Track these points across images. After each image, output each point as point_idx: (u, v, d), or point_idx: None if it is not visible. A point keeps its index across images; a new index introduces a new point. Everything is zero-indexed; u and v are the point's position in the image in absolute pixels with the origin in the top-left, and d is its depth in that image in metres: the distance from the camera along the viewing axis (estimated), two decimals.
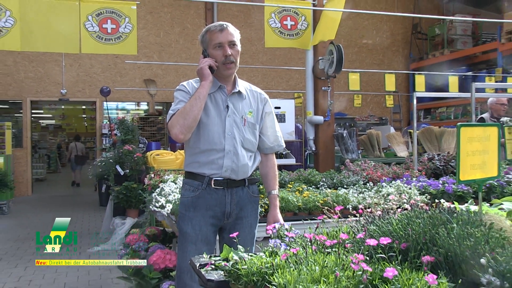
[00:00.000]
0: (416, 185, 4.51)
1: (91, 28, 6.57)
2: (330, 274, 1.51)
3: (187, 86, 3.00)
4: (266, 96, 3.21)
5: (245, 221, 3.05)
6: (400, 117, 16.93)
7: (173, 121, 2.83)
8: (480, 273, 1.57)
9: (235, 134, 2.95)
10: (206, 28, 3.03)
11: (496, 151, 2.09)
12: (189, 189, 2.99)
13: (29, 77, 14.29)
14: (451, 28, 15.98)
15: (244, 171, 2.98)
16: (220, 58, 2.92)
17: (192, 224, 2.94)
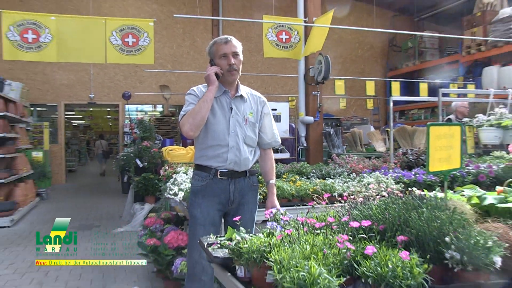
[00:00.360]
0: (392, 175, 4.51)
1: (115, 42, 6.60)
2: (319, 252, 1.52)
3: (196, 90, 3.01)
4: (265, 99, 3.22)
5: (246, 207, 3.05)
6: (379, 118, 16.91)
7: (184, 121, 2.86)
8: (445, 249, 1.59)
9: (237, 132, 2.97)
10: (213, 41, 3.05)
11: (459, 146, 2.09)
12: (198, 179, 3.00)
13: (63, 84, 14.28)
14: (421, 42, 15.97)
15: (245, 164, 2.99)
16: (225, 66, 2.94)
17: (201, 209, 2.95)
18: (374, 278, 1.42)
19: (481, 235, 1.62)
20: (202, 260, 2.86)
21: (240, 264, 1.76)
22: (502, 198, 2.11)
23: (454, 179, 4.45)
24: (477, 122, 5.91)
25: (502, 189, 2.27)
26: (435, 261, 1.58)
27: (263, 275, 1.63)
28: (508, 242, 1.68)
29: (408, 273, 1.42)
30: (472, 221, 1.86)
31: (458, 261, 1.55)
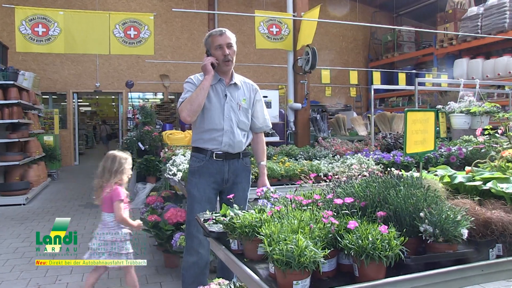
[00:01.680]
0: (373, 157, 4.52)
1: (118, 34, 6.55)
2: (306, 226, 1.52)
3: (193, 79, 3.00)
4: (257, 86, 3.21)
5: (239, 186, 3.05)
6: (361, 105, 16.92)
7: (182, 107, 2.85)
8: (419, 223, 1.59)
9: (232, 117, 2.96)
10: (208, 33, 3.03)
11: (433, 130, 2.10)
12: (195, 160, 3.00)
13: (71, 73, 14.21)
14: (400, 36, 15.94)
15: (239, 146, 2.99)
16: (220, 56, 2.93)
17: (198, 188, 2.95)
18: (356, 250, 1.43)
19: (451, 210, 1.63)
20: (199, 235, 2.87)
21: (233, 238, 1.76)
22: (470, 177, 2.12)
23: (429, 160, 4.48)
24: (449, 109, 5.93)
25: (470, 169, 2.28)
26: (411, 234, 1.59)
27: (254, 248, 1.63)
28: (474, 216, 1.69)
29: (386, 245, 1.43)
30: (444, 198, 1.87)
31: (431, 233, 1.57)
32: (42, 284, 4.07)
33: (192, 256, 2.96)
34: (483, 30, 11.36)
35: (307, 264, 1.34)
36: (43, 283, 4.08)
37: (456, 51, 13.16)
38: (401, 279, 1.50)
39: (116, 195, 3.25)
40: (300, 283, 1.37)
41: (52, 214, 7.07)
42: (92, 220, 6.61)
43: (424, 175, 2.20)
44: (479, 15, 11.53)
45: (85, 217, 6.79)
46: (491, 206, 1.82)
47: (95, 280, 3.37)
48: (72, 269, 4.34)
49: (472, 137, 5.62)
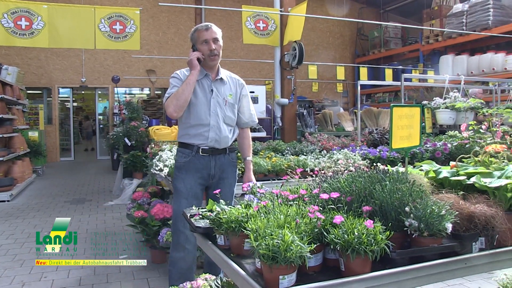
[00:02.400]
0: (359, 152, 4.54)
1: (103, 29, 6.48)
2: (292, 221, 1.52)
3: (179, 74, 2.98)
4: (243, 82, 3.20)
5: (226, 181, 3.05)
6: (348, 100, 17.00)
7: (168, 102, 2.83)
8: (405, 218, 1.61)
9: (218, 112, 2.95)
10: (194, 28, 3.01)
11: (418, 126, 2.11)
12: (181, 156, 2.98)
13: (56, 68, 14.07)
14: (386, 32, 16.02)
15: (225, 142, 2.98)
16: (206, 51, 2.91)
17: (184, 183, 2.94)
18: (341, 244, 1.43)
19: (436, 204, 1.65)
20: (186, 230, 2.86)
21: (220, 233, 1.76)
22: (454, 172, 2.14)
23: (414, 156, 4.51)
24: (435, 104, 5.98)
25: (454, 164, 2.30)
26: (396, 229, 1.60)
27: (241, 243, 1.63)
28: (458, 210, 1.71)
29: (372, 239, 1.44)
30: (429, 193, 1.88)
31: (416, 228, 1.58)
32: (27, 281, 4.03)
33: (179, 252, 2.95)
34: (468, 27, 11.48)
35: (293, 259, 1.34)
36: (28, 281, 4.04)
37: (442, 47, 13.30)
38: (386, 273, 1.51)
39: None
40: (286, 278, 1.38)
41: (37, 211, 6.99)
42: (78, 216, 6.56)
43: (409, 170, 2.21)
44: (464, 12, 11.65)
45: (71, 214, 6.73)
46: (474, 201, 1.84)
47: None
48: (57, 266, 4.31)
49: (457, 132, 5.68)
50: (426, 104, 6.13)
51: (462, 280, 3.82)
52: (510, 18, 11.04)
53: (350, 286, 1.45)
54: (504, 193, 1.90)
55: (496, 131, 3.31)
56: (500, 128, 3.49)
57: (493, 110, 4.76)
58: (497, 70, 10.86)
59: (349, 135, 7.41)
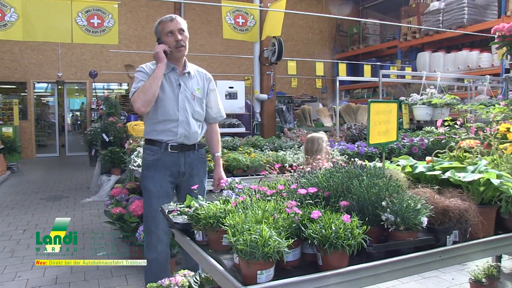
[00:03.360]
0: (337, 148, 4.58)
1: (81, 23, 6.36)
2: (270, 217, 1.53)
3: (145, 67, 2.89)
4: (210, 76, 3.13)
5: (196, 178, 2.98)
6: (327, 96, 17.08)
7: (135, 97, 2.74)
8: (381, 212, 1.63)
9: (186, 107, 2.88)
10: (158, 21, 2.91)
11: (395, 121, 2.14)
12: (149, 153, 2.90)
13: (32, 62, 13.78)
14: (365, 29, 16.16)
15: (194, 137, 2.92)
16: (172, 43, 2.83)
17: (154, 182, 2.86)
18: (319, 239, 1.44)
19: (412, 199, 1.67)
20: (157, 230, 2.82)
21: (198, 229, 1.76)
22: (430, 167, 2.18)
23: (392, 151, 4.58)
24: (412, 100, 6.06)
25: (430, 159, 2.34)
26: (373, 223, 1.62)
27: (219, 239, 1.63)
28: (433, 204, 1.74)
29: (349, 234, 1.45)
30: (405, 187, 1.91)
31: (392, 222, 1.60)
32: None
33: (152, 253, 2.89)
34: (444, 25, 11.67)
35: (271, 254, 1.35)
36: (1, 280, 3.95)
37: (419, 44, 13.49)
38: (363, 267, 1.53)
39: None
40: (264, 273, 1.38)
41: (12, 208, 6.86)
42: (55, 213, 6.45)
43: (386, 165, 2.24)
44: (440, 10, 11.84)
45: (47, 211, 6.62)
46: (449, 195, 1.88)
47: None
48: (32, 265, 4.24)
49: (433, 128, 5.78)
50: (403, 100, 6.20)
51: (437, 273, 3.89)
52: (484, 17, 11.28)
53: (327, 281, 1.47)
54: (477, 187, 1.94)
55: (470, 127, 3.37)
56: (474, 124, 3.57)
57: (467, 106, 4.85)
58: (472, 67, 11.08)
59: (328, 130, 7.46)
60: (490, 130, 2.90)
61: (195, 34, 15.28)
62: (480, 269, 3.45)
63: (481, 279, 3.38)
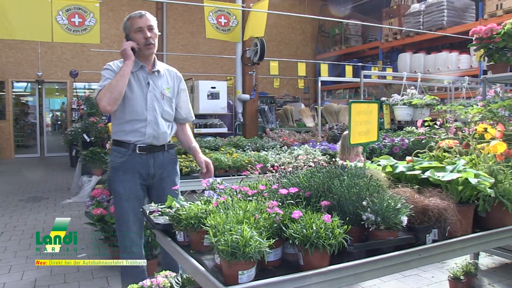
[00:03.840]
0: (319, 148, 4.60)
1: (61, 21, 6.26)
2: (251, 217, 1.53)
3: (112, 65, 2.79)
4: (181, 75, 3.04)
5: (168, 180, 2.88)
6: (309, 96, 17.16)
7: (101, 95, 2.61)
8: (362, 212, 1.64)
9: (155, 106, 2.78)
10: (127, 16, 2.81)
11: (376, 121, 2.15)
12: (117, 156, 2.78)
13: (10, 61, 13.54)
14: (347, 30, 16.28)
15: (164, 138, 2.82)
16: (141, 40, 2.73)
17: (123, 185, 2.75)
18: (300, 239, 1.45)
19: (392, 198, 1.69)
20: (130, 233, 2.76)
21: (179, 230, 1.75)
22: (410, 167, 2.20)
23: (373, 151, 4.61)
24: (393, 101, 6.12)
25: (410, 159, 2.37)
26: (354, 223, 1.63)
27: (200, 239, 1.63)
28: (413, 204, 1.77)
29: (330, 233, 1.46)
30: (386, 187, 1.93)
31: (373, 221, 1.62)
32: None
33: (127, 255, 2.82)
34: (424, 26, 11.83)
35: (252, 254, 1.35)
36: None
37: (400, 45, 13.65)
38: (344, 266, 1.55)
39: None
40: (246, 273, 1.38)
41: None
42: (34, 215, 6.35)
43: (367, 165, 2.26)
44: (421, 12, 12.01)
45: (26, 213, 6.50)
46: (428, 194, 1.90)
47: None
48: (10, 268, 4.15)
49: (414, 128, 5.84)
50: (384, 101, 6.26)
51: (417, 271, 3.94)
52: (462, 19, 11.49)
53: (309, 280, 1.48)
54: (456, 187, 1.97)
55: (450, 127, 3.42)
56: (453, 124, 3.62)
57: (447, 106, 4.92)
58: (452, 68, 11.25)
59: (310, 130, 7.50)
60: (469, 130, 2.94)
61: (177, 34, 15.20)
62: (459, 266, 3.51)
63: (460, 277, 3.44)
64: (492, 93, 4.73)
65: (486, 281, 3.74)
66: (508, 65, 3.92)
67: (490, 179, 2.01)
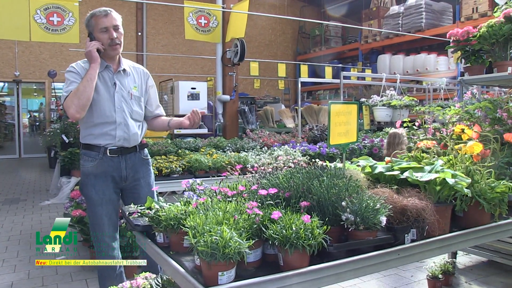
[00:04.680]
0: (299, 149, 4.62)
1: (39, 20, 6.15)
2: (231, 217, 1.52)
3: (76, 67, 2.61)
4: (148, 72, 2.91)
5: (142, 181, 2.80)
6: (289, 97, 17.23)
7: (68, 102, 2.47)
8: (341, 212, 1.65)
9: (124, 107, 2.66)
10: (91, 14, 2.66)
11: (355, 122, 2.17)
12: (87, 160, 2.66)
13: None
14: (327, 31, 16.38)
15: (134, 139, 2.71)
16: (106, 41, 2.59)
17: (95, 190, 2.66)
18: (280, 239, 1.45)
19: (371, 199, 1.70)
20: (105, 237, 2.69)
21: (159, 231, 1.74)
22: (389, 167, 2.23)
23: (353, 152, 4.65)
24: (372, 102, 6.18)
25: (389, 160, 2.39)
26: (333, 223, 1.64)
27: (180, 240, 1.62)
28: (392, 204, 1.79)
29: (309, 234, 1.46)
30: (365, 187, 1.95)
31: (352, 222, 1.63)
32: None
33: (105, 258, 2.75)
34: (403, 28, 12.01)
35: (232, 255, 1.34)
36: None
37: (380, 47, 13.82)
38: (324, 266, 1.55)
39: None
40: (226, 274, 1.38)
41: None
42: (12, 217, 6.22)
43: (347, 165, 2.27)
44: (400, 14, 12.18)
45: (3, 215, 6.37)
46: (407, 194, 1.92)
47: None
48: None
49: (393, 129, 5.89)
50: (364, 102, 6.31)
51: (397, 270, 3.98)
52: (440, 22, 11.69)
53: (289, 280, 1.48)
54: (433, 187, 2.00)
55: (428, 128, 3.47)
56: (431, 125, 3.67)
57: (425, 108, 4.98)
58: (430, 70, 11.43)
59: (290, 131, 7.52)
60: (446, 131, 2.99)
61: (157, 34, 15.08)
62: (437, 265, 3.56)
63: (438, 275, 3.49)
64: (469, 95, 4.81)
65: (464, 279, 3.80)
66: (484, 67, 3.99)
67: (467, 179, 2.04)
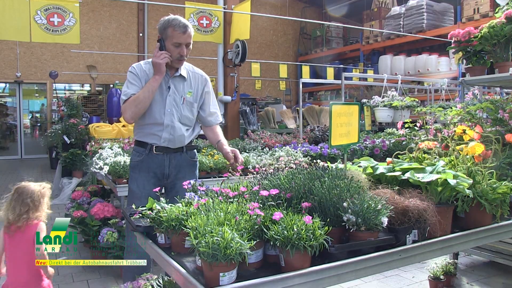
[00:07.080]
0: (301, 149, 4.61)
1: (40, 21, 6.17)
2: (232, 218, 1.52)
3: (136, 68, 2.76)
4: (207, 77, 3.02)
5: (183, 181, 2.90)
6: (290, 98, 17.22)
7: (126, 108, 2.64)
8: (343, 213, 1.65)
9: (173, 111, 2.77)
10: (169, 21, 2.72)
11: (357, 123, 2.17)
12: (135, 154, 2.86)
13: None
14: (328, 32, 16.38)
15: (180, 141, 2.82)
16: (175, 54, 2.70)
17: (137, 183, 2.82)
18: (281, 240, 1.45)
19: (373, 199, 1.70)
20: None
21: (160, 232, 1.74)
22: (390, 168, 2.22)
23: (355, 152, 4.65)
24: (374, 102, 6.17)
25: (390, 160, 2.39)
26: (335, 224, 1.64)
27: (181, 241, 1.62)
28: (393, 205, 1.78)
29: (311, 235, 1.46)
30: (366, 188, 1.94)
31: (353, 223, 1.62)
32: None
33: (132, 255, 2.78)
34: (404, 29, 11.99)
35: (233, 256, 1.34)
36: None
37: (381, 47, 13.81)
38: (325, 267, 1.55)
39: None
40: (227, 275, 1.37)
41: None
42: None
43: (348, 166, 2.27)
44: (401, 15, 12.17)
45: None
46: (408, 195, 1.92)
47: None
48: None
49: (394, 130, 5.90)
50: (365, 102, 6.31)
51: (398, 271, 3.98)
52: (442, 22, 11.67)
53: (290, 281, 1.47)
54: (435, 187, 2.00)
55: (429, 128, 3.46)
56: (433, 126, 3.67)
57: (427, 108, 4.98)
58: (431, 70, 11.42)
59: (292, 132, 7.51)
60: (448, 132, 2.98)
61: None
62: (439, 266, 3.56)
63: (439, 276, 3.49)
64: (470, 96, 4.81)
65: (465, 280, 3.80)
66: (485, 68, 3.99)
67: (469, 180, 2.04)
